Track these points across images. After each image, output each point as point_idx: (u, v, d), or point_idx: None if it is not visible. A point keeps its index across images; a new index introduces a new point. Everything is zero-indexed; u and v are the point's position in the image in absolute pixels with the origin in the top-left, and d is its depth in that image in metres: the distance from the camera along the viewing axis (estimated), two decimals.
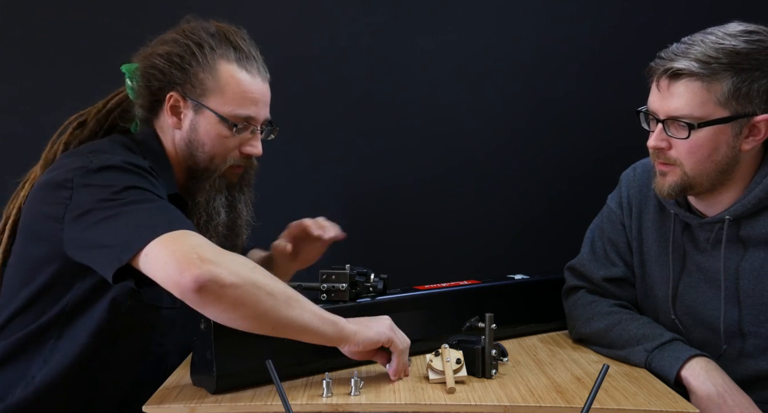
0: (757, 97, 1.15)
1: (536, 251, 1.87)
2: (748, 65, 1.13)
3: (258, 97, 1.26)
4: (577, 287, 1.45)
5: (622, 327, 1.30)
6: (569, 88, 1.87)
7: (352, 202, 1.88)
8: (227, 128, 1.23)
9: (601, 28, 1.85)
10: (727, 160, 1.19)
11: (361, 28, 1.84)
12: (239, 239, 1.32)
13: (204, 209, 1.25)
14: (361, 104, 1.87)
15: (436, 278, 1.44)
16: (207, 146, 1.24)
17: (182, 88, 1.23)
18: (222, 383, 1.07)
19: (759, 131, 1.17)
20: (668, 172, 1.23)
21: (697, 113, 1.15)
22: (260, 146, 1.29)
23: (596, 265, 1.42)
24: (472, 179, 1.89)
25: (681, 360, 1.18)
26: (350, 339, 1.07)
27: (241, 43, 1.26)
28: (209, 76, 1.22)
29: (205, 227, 1.25)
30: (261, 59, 1.29)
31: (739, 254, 1.24)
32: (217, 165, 1.25)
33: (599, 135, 1.87)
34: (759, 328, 1.23)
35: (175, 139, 1.26)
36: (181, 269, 0.93)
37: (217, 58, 1.23)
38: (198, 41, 1.23)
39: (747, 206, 1.21)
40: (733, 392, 1.13)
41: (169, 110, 1.24)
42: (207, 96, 1.23)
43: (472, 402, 1.05)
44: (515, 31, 1.86)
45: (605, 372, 0.87)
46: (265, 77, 1.29)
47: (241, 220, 1.32)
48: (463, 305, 1.34)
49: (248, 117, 1.25)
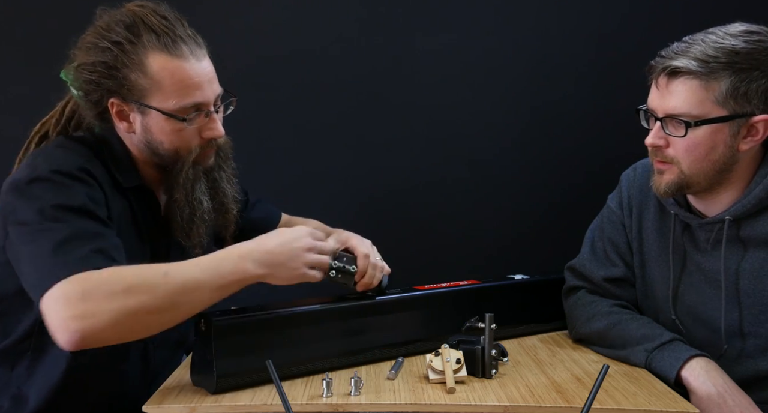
0: (756, 98, 1.14)
1: (536, 251, 1.87)
2: (747, 65, 1.13)
3: (199, 79, 1.16)
4: (577, 287, 1.45)
5: (622, 327, 1.30)
6: (570, 89, 1.87)
7: (352, 202, 1.88)
8: (178, 122, 1.16)
9: (603, 29, 1.85)
10: (724, 159, 1.19)
11: (363, 28, 1.84)
12: (230, 214, 1.30)
13: (185, 203, 1.21)
14: (361, 104, 1.86)
15: (436, 278, 1.44)
16: (166, 144, 1.18)
17: (119, 94, 1.15)
18: (222, 383, 1.07)
19: (757, 131, 1.17)
20: (665, 170, 1.23)
21: (695, 111, 1.15)
22: (220, 127, 1.21)
23: (596, 265, 1.42)
24: (472, 180, 1.89)
25: (681, 359, 1.18)
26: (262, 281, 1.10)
27: (162, 25, 1.14)
28: (140, 75, 1.13)
29: (190, 220, 1.22)
30: (190, 34, 1.17)
31: (740, 255, 1.24)
32: (183, 157, 1.20)
33: (599, 135, 1.87)
34: (759, 328, 1.23)
35: (135, 142, 1.21)
36: (58, 334, 0.98)
37: (141, 53, 1.13)
38: (116, 40, 1.13)
39: (747, 206, 1.21)
40: (733, 392, 1.13)
41: (117, 116, 1.18)
42: (146, 96, 1.14)
43: (472, 402, 1.05)
44: (517, 32, 1.86)
45: (605, 372, 0.87)
46: (199, 54, 1.17)
47: (227, 198, 1.29)
48: (463, 305, 1.34)
49: (195, 104, 1.17)
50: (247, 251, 1.08)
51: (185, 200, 1.21)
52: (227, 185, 1.29)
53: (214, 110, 1.20)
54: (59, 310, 0.98)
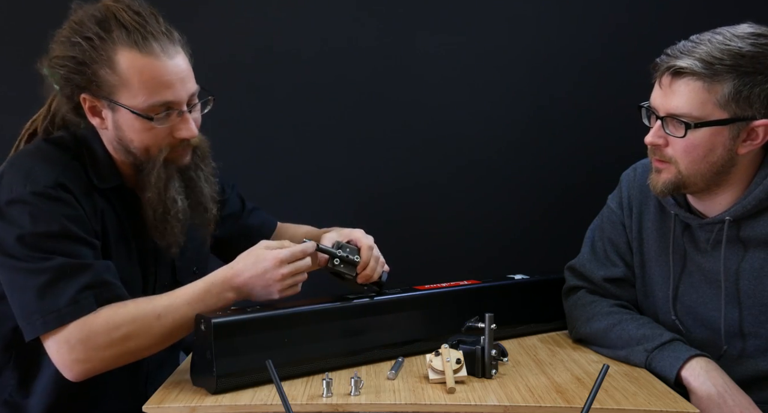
0: (758, 102, 1.14)
1: (536, 251, 1.87)
2: (751, 69, 1.13)
3: (169, 78, 1.13)
4: (577, 288, 1.45)
5: (622, 327, 1.30)
6: (570, 89, 1.87)
7: (352, 202, 1.88)
8: (147, 121, 1.14)
9: (603, 30, 1.85)
10: (722, 162, 1.19)
11: (363, 28, 1.84)
12: (208, 213, 1.28)
13: (158, 202, 1.20)
14: (361, 104, 1.87)
15: (436, 278, 1.44)
16: (136, 142, 1.16)
17: (90, 90, 1.14)
18: (222, 383, 1.07)
19: (757, 135, 1.17)
20: (663, 169, 1.23)
21: (696, 112, 1.15)
22: (192, 127, 1.18)
23: (596, 265, 1.42)
24: (472, 180, 1.89)
25: (681, 359, 1.18)
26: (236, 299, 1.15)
27: (134, 21, 1.12)
28: (109, 72, 1.11)
29: (163, 218, 1.21)
30: (163, 31, 1.15)
31: (740, 255, 1.24)
32: (154, 156, 1.18)
33: (600, 136, 1.87)
34: (759, 329, 1.23)
35: (109, 138, 1.20)
36: (64, 372, 1.11)
37: (110, 49, 1.11)
38: (86, 35, 1.12)
39: (747, 206, 1.21)
40: (733, 392, 1.13)
41: (89, 111, 1.17)
42: (116, 93, 1.13)
43: (472, 402, 1.05)
44: (516, 33, 1.86)
45: (605, 372, 0.87)
46: (171, 51, 1.14)
47: (204, 197, 1.26)
48: (463, 305, 1.34)
49: (166, 103, 1.14)
50: (227, 282, 1.14)
51: (158, 199, 1.19)
52: (205, 184, 1.27)
53: (187, 110, 1.17)
54: (63, 354, 1.09)
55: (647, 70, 1.23)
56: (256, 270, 1.14)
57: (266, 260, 1.14)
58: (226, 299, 1.14)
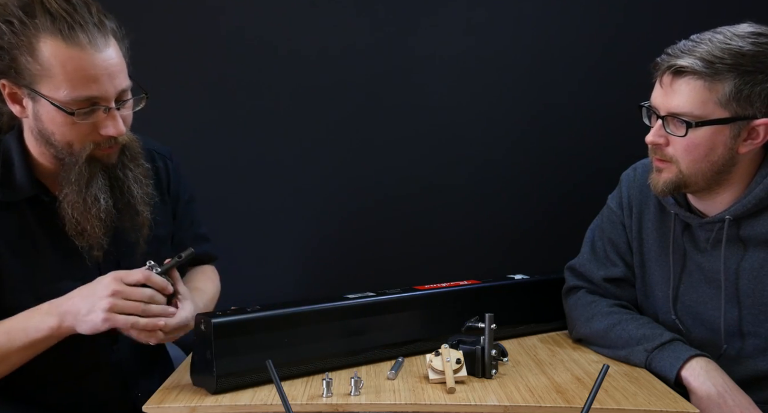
0: (758, 101, 1.14)
1: (536, 251, 1.87)
2: (752, 68, 1.13)
3: (95, 72, 1.05)
4: (577, 288, 1.45)
5: (622, 327, 1.30)
6: (570, 90, 1.87)
7: (352, 202, 1.88)
8: (68, 115, 1.07)
9: (603, 31, 1.85)
10: (723, 161, 1.19)
11: (363, 29, 1.84)
12: (139, 217, 1.20)
13: (76, 200, 1.12)
14: (361, 105, 1.86)
15: (436, 278, 1.44)
16: (57, 135, 1.09)
17: (9, 76, 1.06)
18: (222, 383, 1.07)
19: (758, 134, 1.17)
20: (664, 168, 1.23)
21: (697, 111, 1.15)
22: (119, 125, 1.10)
23: (596, 265, 1.42)
24: (472, 180, 1.89)
25: (681, 359, 1.18)
26: (72, 333, 1.09)
27: (62, 8, 1.04)
28: (30, 60, 1.04)
29: (82, 218, 1.13)
30: (94, 21, 1.06)
31: (739, 255, 1.24)
32: (77, 152, 1.11)
33: (600, 136, 1.87)
34: (758, 328, 1.23)
35: (30, 127, 1.13)
36: None
37: (32, 36, 1.03)
38: (7, 18, 1.04)
39: (747, 205, 1.21)
40: (733, 392, 1.13)
41: (9, 98, 1.09)
42: (37, 82, 1.05)
43: (472, 402, 1.05)
44: (516, 34, 1.86)
45: (605, 372, 0.87)
46: (101, 43, 1.06)
47: (134, 198, 1.18)
48: (463, 305, 1.34)
49: (90, 98, 1.06)
50: (53, 306, 1.09)
51: (77, 197, 1.12)
52: (134, 184, 1.19)
53: (115, 106, 1.09)
54: None
55: (648, 70, 1.23)
56: (88, 291, 1.08)
57: (101, 281, 1.09)
58: (47, 326, 1.07)
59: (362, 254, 1.89)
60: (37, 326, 1.08)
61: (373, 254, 1.88)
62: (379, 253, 1.88)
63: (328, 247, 1.88)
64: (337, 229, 1.88)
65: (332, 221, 1.88)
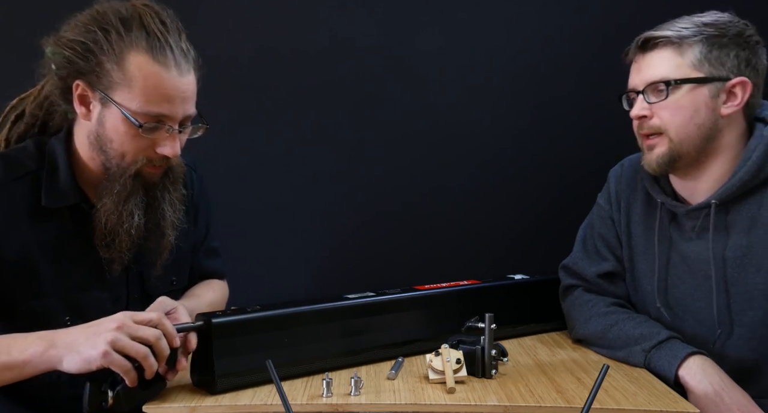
0: (729, 62, 1.20)
1: (536, 251, 1.87)
2: (716, 32, 1.20)
3: (172, 92, 1.11)
4: (572, 286, 1.45)
5: (619, 328, 1.30)
6: (570, 90, 1.87)
7: (352, 202, 1.88)
8: (133, 126, 1.10)
9: (603, 31, 1.85)
10: (709, 124, 1.22)
11: (362, 29, 1.84)
12: (164, 239, 1.21)
13: (112, 211, 1.14)
14: (361, 105, 1.86)
15: (436, 278, 1.44)
16: (115, 143, 1.12)
17: (87, 79, 1.11)
18: (222, 383, 1.07)
19: (735, 95, 1.21)
20: (655, 144, 1.25)
21: (673, 75, 1.21)
22: (176, 147, 1.14)
23: (588, 262, 1.43)
24: (472, 179, 1.89)
25: (678, 358, 1.18)
26: (56, 366, 0.99)
27: (158, 29, 1.10)
28: (115, 67, 1.09)
29: (114, 230, 1.15)
30: (183, 48, 1.13)
31: (724, 242, 1.25)
32: (128, 164, 1.13)
33: (600, 136, 1.86)
34: (743, 317, 1.23)
35: (88, 131, 1.15)
36: None
37: (125, 47, 1.09)
38: (105, 27, 1.09)
39: (732, 188, 1.22)
40: (729, 389, 1.14)
41: (78, 99, 1.13)
42: (114, 89, 1.09)
43: (472, 402, 1.05)
44: (516, 34, 1.86)
45: (605, 372, 0.87)
46: (184, 68, 1.12)
47: (165, 221, 1.20)
48: (463, 305, 1.34)
49: (159, 115, 1.11)
50: (53, 332, 1.02)
51: (114, 208, 1.14)
52: (168, 207, 1.21)
53: (177, 129, 1.14)
54: None
55: (623, 57, 1.30)
56: (91, 326, 1.01)
57: (110, 317, 1.02)
58: (32, 349, 0.99)
59: (362, 254, 1.89)
60: (22, 347, 1.00)
61: (373, 254, 1.88)
62: (380, 253, 1.88)
63: (329, 247, 1.89)
64: (337, 229, 1.88)
65: (332, 221, 1.88)
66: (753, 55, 1.22)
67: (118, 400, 1.00)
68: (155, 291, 1.27)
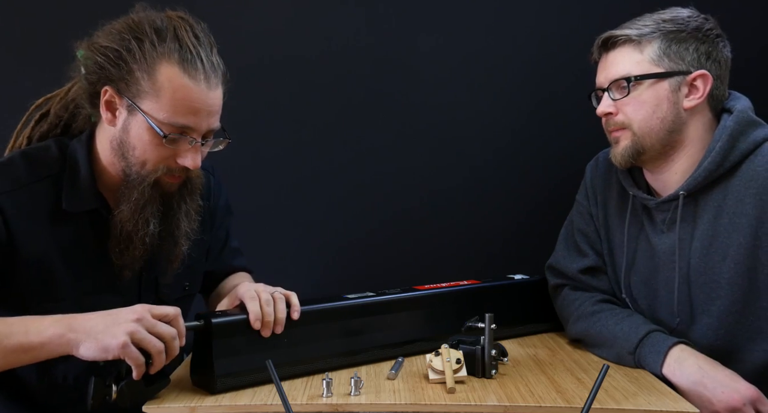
0: (688, 56, 1.23)
1: (536, 252, 1.87)
2: (673, 28, 1.23)
3: (198, 105, 1.12)
4: (559, 286, 1.46)
5: (602, 325, 1.31)
6: (570, 89, 1.86)
7: (352, 202, 1.88)
8: (157, 136, 1.12)
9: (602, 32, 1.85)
10: (672, 117, 1.24)
11: (361, 29, 1.84)
12: (177, 248, 1.22)
13: (129, 219, 1.15)
14: (360, 105, 1.86)
15: (435, 278, 1.44)
16: (137, 151, 1.13)
17: (117, 85, 1.12)
18: (222, 383, 1.07)
19: (697, 89, 1.24)
20: (620, 137, 1.28)
21: (635, 71, 1.24)
22: (197, 159, 1.16)
23: (570, 259, 1.44)
24: (472, 179, 1.89)
25: (661, 354, 1.19)
26: (72, 351, 0.99)
27: (190, 42, 1.12)
28: (145, 76, 1.10)
29: (128, 237, 1.16)
30: (214, 62, 1.15)
31: (690, 233, 1.26)
32: (147, 172, 1.14)
33: (600, 136, 1.84)
34: (710, 306, 1.24)
35: (111, 136, 1.16)
36: None
37: (157, 57, 1.10)
38: (139, 36, 1.11)
39: (698, 179, 1.23)
40: (708, 373, 1.14)
41: (105, 105, 1.14)
42: (142, 97, 1.11)
43: (472, 402, 1.05)
44: (515, 35, 1.86)
45: (605, 372, 0.87)
46: (213, 84, 1.14)
47: (179, 231, 1.21)
48: (463, 305, 1.34)
49: (184, 127, 1.12)
50: (73, 317, 1.01)
51: (130, 215, 1.15)
52: (184, 217, 1.22)
53: (200, 141, 1.15)
54: None
55: (588, 58, 1.33)
56: (111, 314, 1.02)
57: (129, 307, 1.03)
58: (50, 332, 0.99)
59: (362, 254, 1.89)
60: (39, 329, 1.00)
61: (373, 254, 1.88)
62: (380, 253, 1.88)
63: (329, 247, 1.89)
64: (337, 229, 1.88)
65: (332, 221, 1.88)
66: (713, 49, 1.24)
67: (121, 395, 1.00)
68: (168, 297, 1.29)
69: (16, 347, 0.99)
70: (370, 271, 1.86)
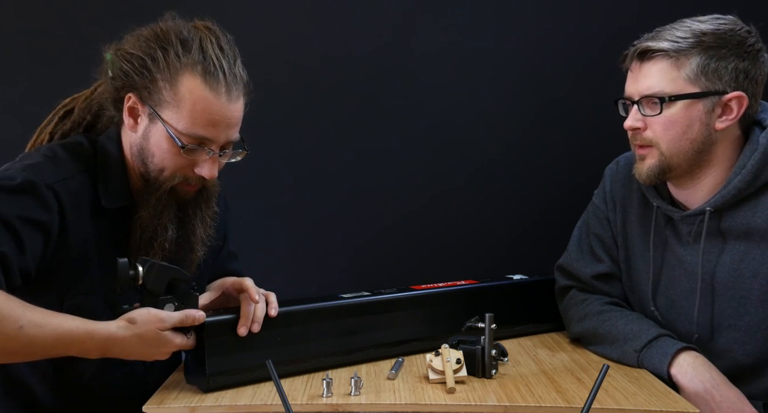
0: (726, 75, 1.17)
1: (535, 251, 1.87)
2: (714, 43, 1.17)
3: (218, 118, 1.13)
4: (568, 287, 1.45)
5: (611, 324, 1.30)
6: (570, 91, 1.87)
7: (351, 202, 1.88)
8: (175, 145, 1.13)
9: (602, 32, 1.85)
10: (702, 138, 1.20)
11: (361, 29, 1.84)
12: (193, 254, 1.23)
13: (149, 223, 1.17)
14: (360, 106, 1.86)
15: (434, 278, 1.44)
16: (156, 158, 1.15)
17: (140, 93, 1.14)
18: (214, 381, 1.08)
19: (731, 109, 1.19)
20: (646, 155, 1.24)
21: (668, 88, 1.18)
22: (214, 169, 1.17)
23: (583, 263, 1.42)
24: (470, 180, 1.89)
25: (668, 355, 1.18)
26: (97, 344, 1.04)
27: (215, 54, 1.13)
28: (167, 86, 1.12)
29: (148, 242, 1.18)
30: (237, 74, 1.15)
31: (719, 247, 1.24)
32: (165, 179, 1.16)
33: (600, 137, 1.86)
34: (738, 321, 1.23)
35: (132, 141, 1.19)
36: None
37: (180, 68, 1.12)
38: (165, 46, 1.13)
39: (727, 196, 1.21)
40: (720, 387, 1.14)
41: (128, 111, 1.16)
42: (163, 106, 1.13)
43: (472, 402, 1.05)
44: (518, 36, 1.86)
45: (605, 372, 0.87)
46: (234, 96, 1.15)
47: (195, 237, 1.22)
48: (462, 305, 1.34)
49: (203, 138, 1.13)
50: (110, 340, 1.04)
51: (149, 221, 1.17)
52: (200, 224, 1.23)
53: (218, 152, 1.17)
54: None
55: (620, 61, 1.28)
56: (147, 342, 1.07)
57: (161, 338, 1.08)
58: (84, 353, 1.05)
59: (361, 254, 1.89)
60: (80, 347, 1.03)
61: (371, 254, 1.88)
62: (378, 253, 1.88)
63: (326, 247, 1.88)
64: (335, 229, 1.88)
65: (330, 221, 1.88)
66: (752, 66, 1.18)
67: (148, 276, 1.07)
68: None
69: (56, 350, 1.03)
70: (367, 271, 1.86)
